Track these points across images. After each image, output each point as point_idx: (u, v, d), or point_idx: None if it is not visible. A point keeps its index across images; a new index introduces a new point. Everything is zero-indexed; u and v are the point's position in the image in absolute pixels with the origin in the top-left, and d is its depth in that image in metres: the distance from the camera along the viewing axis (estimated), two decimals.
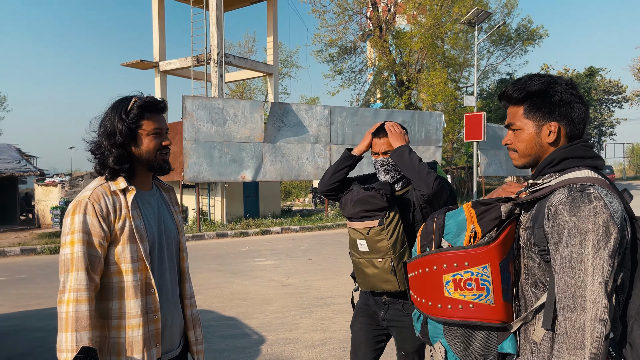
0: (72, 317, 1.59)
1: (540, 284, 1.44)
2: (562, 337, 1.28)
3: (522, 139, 1.53)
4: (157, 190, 1.96)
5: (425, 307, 1.58)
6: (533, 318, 1.46)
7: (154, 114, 1.81)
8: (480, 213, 1.52)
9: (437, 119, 18.69)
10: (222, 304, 6.42)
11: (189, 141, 13.50)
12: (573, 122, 1.48)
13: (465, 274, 1.48)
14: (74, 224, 1.66)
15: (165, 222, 1.90)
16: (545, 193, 1.41)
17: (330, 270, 8.53)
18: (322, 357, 4.52)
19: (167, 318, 1.83)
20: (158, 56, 19.04)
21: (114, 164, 1.74)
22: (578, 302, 1.26)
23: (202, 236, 13.28)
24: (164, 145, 1.83)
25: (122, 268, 1.71)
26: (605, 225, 1.28)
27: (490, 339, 1.52)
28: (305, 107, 15.88)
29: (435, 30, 22.42)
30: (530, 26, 28.84)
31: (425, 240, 1.60)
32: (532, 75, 1.54)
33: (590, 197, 1.30)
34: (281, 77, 34.48)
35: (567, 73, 39.12)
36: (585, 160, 1.46)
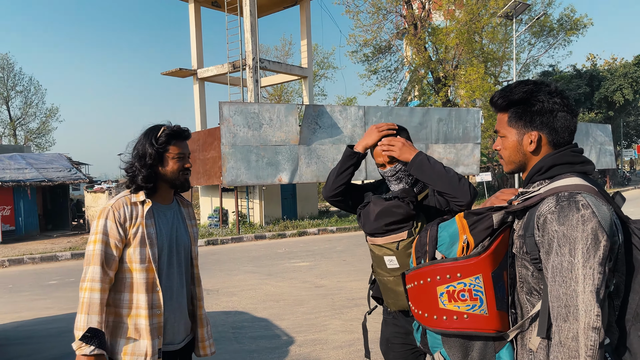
0: (86, 302, 1.93)
1: (535, 292, 1.45)
2: (556, 346, 1.29)
3: (506, 146, 1.56)
4: (176, 205, 2.27)
5: (422, 319, 1.61)
6: (529, 326, 1.46)
7: (179, 141, 2.13)
8: (472, 223, 1.53)
9: (475, 115, 18.37)
10: (255, 305, 6.61)
11: (226, 146, 13.84)
12: (556, 130, 1.48)
13: (459, 285, 1.49)
14: (98, 226, 2.01)
15: (177, 233, 2.19)
16: (535, 201, 1.42)
17: (364, 271, 8.59)
18: (348, 358, 4.61)
19: (170, 314, 2.11)
20: (196, 64, 19.58)
21: (142, 182, 2.08)
22: (570, 311, 1.27)
23: (241, 238, 13.60)
24: (186, 167, 2.14)
25: (132, 267, 2.03)
26: (594, 233, 1.28)
27: (487, 348, 1.53)
28: (339, 108, 15.97)
29: (471, 25, 22.02)
30: (574, 15, 27.85)
31: (420, 252, 1.62)
32: (519, 82, 1.55)
33: (578, 205, 1.31)
34: (317, 79, 34.69)
35: (614, 62, 37.47)
36: (574, 166, 1.46)
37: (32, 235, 16.39)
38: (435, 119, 17.45)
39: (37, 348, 5.33)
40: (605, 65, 37.59)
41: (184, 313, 2.19)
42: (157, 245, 2.07)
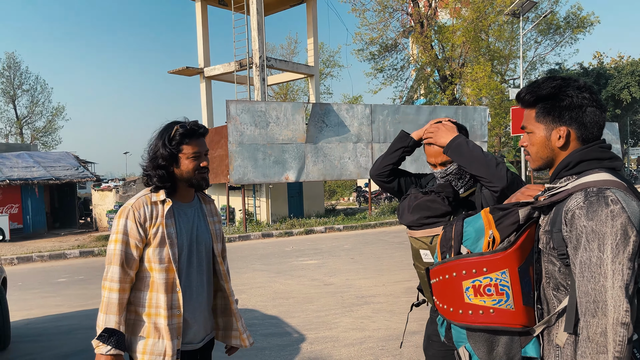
0: (105, 302, 1.95)
1: (562, 288, 1.44)
2: (584, 342, 1.28)
3: (534, 142, 1.54)
4: (198, 202, 2.23)
5: (447, 313, 1.60)
6: (556, 322, 1.45)
7: (193, 139, 2.07)
8: (499, 218, 1.52)
9: (482, 113, 18.31)
10: (265, 302, 6.61)
11: (233, 144, 13.86)
12: (585, 126, 1.46)
13: (484, 279, 1.49)
14: (118, 226, 1.99)
15: (198, 231, 2.16)
16: (563, 197, 1.40)
17: (372, 269, 8.58)
18: (360, 356, 4.60)
19: (190, 315, 2.08)
20: (203, 62, 19.62)
21: (157, 182, 2.05)
22: (599, 307, 1.26)
23: (248, 236, 13.61)
24: (202, 166, 2.08)
25: (152, 267, 2.01)
26: (624, 229, 1.27)
27: (513, 343, 1.52)
28: (346, 106, 15.95)
29: (478, 23, 21.96)
30: (580, 13, 27.73)
31: (445, 247, 1.61)
32: (546, 77, 1.54)
33: (607, 201, 1.30)
34: (323, 78, 34.68)
35: (621, 60, 37.24)
36: (602, 162, 1.44)
37: (39, 234, 16.47)
38: (442, 117, 17.35)
39: (48, 345, 5.35)
40: (612, 63, 37.36)
41: (204, 312, 2.17)
42: (177, 245, 2.04)
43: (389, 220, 15.66)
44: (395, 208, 17.74)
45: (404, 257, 9.77)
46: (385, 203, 19.18)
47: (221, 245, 2.29)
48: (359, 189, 22.26)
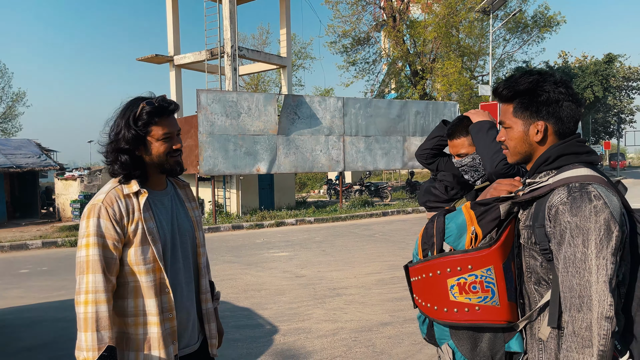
0: (92, 317, 1.65)
1: (544, 282, 1.45)
2: (570, 336, 1.30)
3: (512, 137, 1.54)
4: (172, 188, 1.98)
5: (431, 312, 1.59)
6: (538, 316, 1.47)
7: (163, 118, 1.80)
8: (480, 214, 1.52)
9: (452, 108, 18.57)
10: (236, 294, 6.55)
11: (203, 134, 13.65)
12: (562, 120, 1.47)
13: (470, 277, 1.48)
14: (89, 227, 1.71)
15: (179, 221, 1.93)
16: (544, 192, 1.42)
17: (344, 261, 8.61)
18: (332, 347, 4.62)
19: (183, 316, 1.88)
20: (172, 50, 19.22)
21: (121, 169, 1.78)
22: (584, 302, 1.28)
23: (218, 228, 13.47)
24: (175, 148, 1.84)
25: (135, 269, 1.76)
26: (607, 224, 1.29)
27: (497, 339, 1.53)
28: (318, 99, 15.91)
29: (449, 19, 22.21)
30: (547, 13, 28.37)
31: (427, 244, 1.60)
32: (523, 72, 1.54)
33: (590, 196, 1.32)
34: (295, 69, 34.49)
35: (585, 60, 38.38)
36: (580, 157, 1.46)
37: None
38: (413, 112, 17.56)
39: (12, 337, 5.17)
40: (577, 62, 38.48)
41: (194, 311, 1.96)
42: (160, 241, 1.80)
43: (359, 213, 15.75)
44: (365, 201, 17.86)
45: (374, 249, 9.84)
46: (356, 196, 19.28)
47: (201, 234, 2.06)
48: (330, 182, 22.29)
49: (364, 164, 16.70)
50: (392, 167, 17.54)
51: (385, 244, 10.45)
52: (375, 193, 19.76)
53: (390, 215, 16.20)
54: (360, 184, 20.22)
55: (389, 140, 17.09)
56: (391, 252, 9.49)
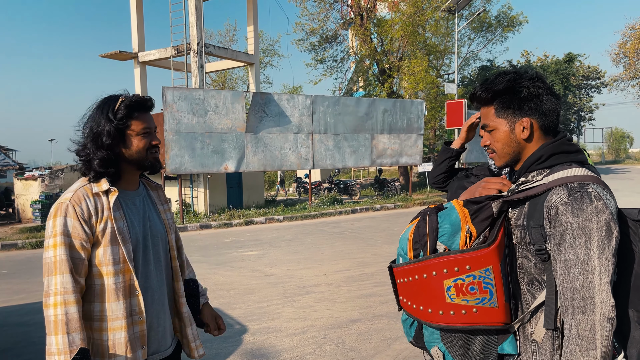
0: (62, 319, 1.60)
1: (537, 283, 1.44)
2: (574, 339, 1.28)
3: (498, 138, 1.52)
4: (144, 189, 1.95)
5: (423, 315, 1.51)
6: (531, 317, 1.45)
7: (142, 113, 1.80)
8: (474, 212, 1.46)
9: (419, 106, 18.81)
10: None
11: (170, 133, 13.42)
12: (545, 114, 1.47)
13: (468, 278, 1.42)
14: (56, 227, 1.66)
15: (151, 222, 1.89)
16: (540, 191, 1.40)
17: (313, 259, 8.63)
18: (302, 345, 4.62)
19: (154, 319, 1.83)
20: (137, 47, 18.81)
21: (99, 167, 1.74)
22: (588, 304, 1.27)
23: (186, 228, 13.28)
24: (154, 144, 1.83)
25: (103, 270, 1.71)
26: (608, 225, 1.29)
27: (490, 341, 1.48)
28: (287, 96, 15.86)
29: (416, 18, 22.45)
30: (510, 13, 29.01)
31: (419, 244, 1.50)
32: (498, 73, 1.53)
33: (591, 197, 1.31)
34: (263, 67, 34.28)
35: (546, 59, 39.49)
36: (570, 155, 1.45)
37: None
38: (381, 110, 17.71)
39: None
40: (538, 61, 39.58)
41: (167, 314, 1.91)
42: (130, 241, 1.76)
43: (329, 211, 15.80)
44: (334, 199, 17.92)
45: (344, 246, 9.90)
46: (325, 194, 19.33)
47: (175, 236, 2.02)
48: (299, 180, 22.29)
49: (333, 161, 16.76)
50: (360, 164, 17.65)
51: (355, 241, 10.52)
52: (344, 191, 19.86)
53: (359, 213, 16.32)
54: (330, 182, 20.29)
55: (358, 138, 17.19)
56: (360, 249, 9.56)
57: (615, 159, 66.99)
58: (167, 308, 1.91)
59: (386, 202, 17.94)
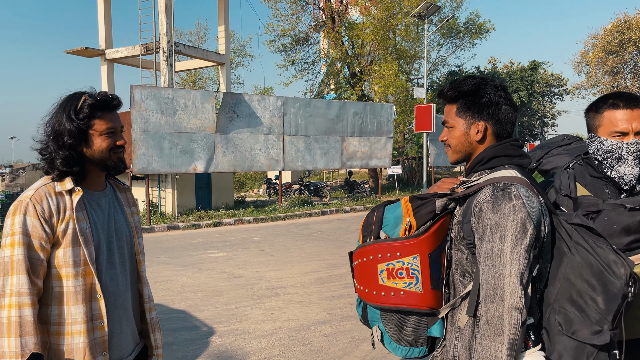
0: (15, 322, 1.55)
1: (468, 274, 1.54)
2: (484, 325, 1.39)
3: (454, 136, 1.63)
4: (111, 190, 1.90)
5: (364, 294, 1.67)
6: (459, 305, 1.56)
7: (106, 112, 1.75)
8: (417, 207, 1.61)
9: (389, 110, 19.01)
10: (171, 297, 6.38)
11: (137, 132, 13.17)
12: (500, 122, 1.57)
13: (397, 263, 1.58)
14: (14, 225, 1.61)
15: (116, 225, 1.84)
16: (475, 190, 1.51)
17: (283, 261, 8.60)
18: (270, 347, 4.60)
19: (116, 324, 1.78)
20: (104, 44, 18.40)
21: (62, 166, 1.69)
22: (497, 293, 1.37)
23: (152, 229, 13.05)
24: (119, 144, 1.78)
25: (62, 272, 1.65)
26: (523, 222, 1.39)
27: (420, 324, 1.63)
28: (257, 97, 15.79)
29: (386, 23, 22.70)
30: (478, 20, 29.66)
31: (366, 232, 1.68)
32: (467, 76, 1.64)
33: (511, 196, 1.41)
34: (234, 67, 34.04)
35: (512, 66, 40.49)
36: (512, 159, 1.56)
37: None
38: (351, 113, 17.82)
39: None
40: (505, 68, 40.56)
41: (131, 320, 1.85)
42: (93, 243, 1.71)
43: (299, 212, 15.79)
44: (304, 200, 17.91)
45: (313, 248, 9.90)
46: (296, 195, 19.31)
47: (141, 241, 1.98)
48: (269, 181, 22.17)
49: (304, 163, 16.76)
50: (331, 166, 17.71)
51: (324, 243, 10.54)
52: (315, 192, 19.88)
53: (329, 215, 16.36)
54: (300, 184, 20.28)
55: (328, 140, 17.24)
56: (330, 250, 9.58)
57: None
58: (131, 313, 1.86)
59: (356, 204, 18.04)
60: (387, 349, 1.68)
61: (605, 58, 42.23)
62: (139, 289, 1.94)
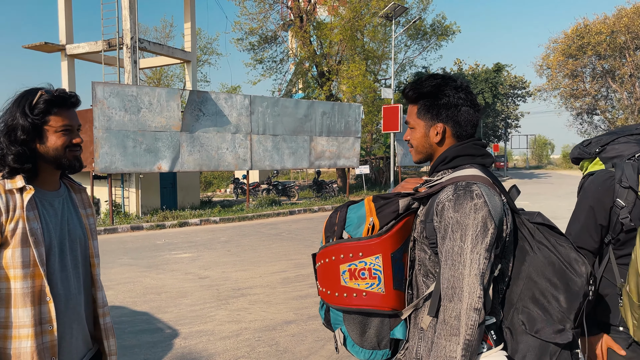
0: None
1: (431, 275, 1.52)
2: (440, 324, 1.37)
3: (415, 137, 1.62)
4: (65, 190, 1.83)
5: (326, 296, 1.63)
6: (422, 306, 1.53)
7: (63, 109, 1.70)
8: (380, 207, 1.58)
9: (356, 110, 19.10)
10: (134, 299, 6.21)
11: (99, 130, 12.81)
12: (460, 124, 1.55)
13: (360, 263, 1.54)
14: None
15: (70, 226, 1.77)
16: (438, 189, 1.49)
17: (249, 261, 8.51)
18: (236, 348, 4.53)
19: (66, 329, 1.70)
20: (65, 39, 17.83)
21: (14, 162, 1.63)
22: (456, 292, 1.35)
23: (115, 229, 12.72)
24: (75, 142, 1.72)
25: (10, 274, 1.58)
26: (484, 221, 1.37)
27: (383, 326, 1.59)
28: (224, 96, 15.60)
29: (354, 23, 22.80)
30: (444, 22, 30.16)
31: (329, 232, 1.64)
32: (429, 75, 1.61)
33: (472, 195, 1.39)
34: (200, 65, 33.57)
35: (477, 68, 41.32)
36: (475, 158, 1.55)
37: None
38: (320, 112, 17.82)
39: None
40: (470, 70, 41.37)
41: (82, 324, 1.78)
42: (44, 244, 1.64)
43: (266, 212, 15.68)
44: (272, 200, 17.80)
45: (281, 248, 9.84)
46: (263, 195, 19.18)
47: (96, 243, 1.91)
48: (237, 181, 21.94)
49: (272, 162, 16.65)
50: (299, 166, 17.67)
51: (292, 243, 10.49)
52: (283, 192, 19.80)
53: (297, 214, 16.31)
54: (268, 183, 20.15)
55: (296, 139, 17.19)
56: (297, 250, 9.54)
57: (539, 165, 71.16)
58: (83, 317, 1.79)
59: (324, 204, 18.05)
60: (350, 352, 1.63)
61: (565, 61, 43.62)
62: (92, 293, 1.87)
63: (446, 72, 36.73)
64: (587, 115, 49.37)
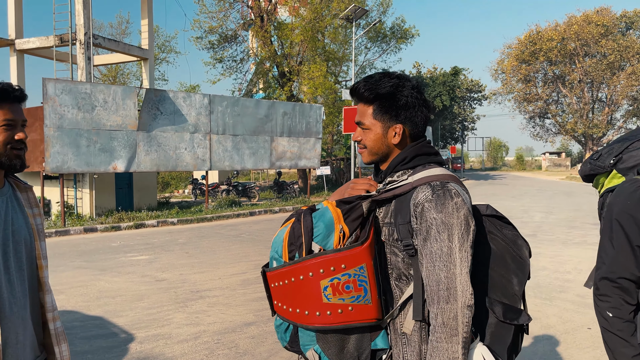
0: None
1: (404, 277, 1.49)
2: (440, 327, 1.35)
3: (370, 138, 1.56)
4: (10, 189, 1.72)
5: (299, 317, 1.49)
6: (400, 311, 1.49)
7: (6, 104, 1.60)
8: (346, 212, 1.47)
9: (317, 111, 19.13)
10: (87, 303, 5.99)
11: (50, 128, 12.32)
12: (416, 124, 1.55)
13: (343, 276, 1.42)
14: None
15: (14, 227, 1.67)
16: (406, 190, 1.46)
17: (208, 263, 8.36)
18: (194, 351, 4.43)
19: (11, 335, 1.60)
20: (14, 33, 17.06)
21: None
22: (451, 293, 1.35)
23: (68, 231, 12.25)
24: (17, 139, 1.61)
25: None
26: (466, 219, 1.39)
27: (364, 339, 1.49)
28: (183, 94, 15.30)
29: (315, 24, 22.84)
30: (404, 25, 30.66)
31: (295, 246, 1.49)
32: (383, 74, 1.55)
33: (452, 194, 1.40)
34: (158, 63, 32.82)
35: (435, 71, 42.18)
36: (430, 157, 1.54)
37: None
38: (281, 113, 17.74)
39: None
40: (428, 73, 42.20)
41: (29, 329, 1.68)
42: None
43: (226, 213, 15.47)
44: (232, 201, 17.58)
45: (241, 249, 9.72)
46: (223, 196, 18.91)
47: (43, 244, 1.80)
48: (195, 181, 21.55)
49: (232, 163, 16.45)
50: (259, 166, 17.53)
51: (252, 244, 10.38)
52: (243, 193, 19.59)
53: (258, 215, 16.18)
54: (228, 184, 19.89)
55: (257, 140, 17.05)
56: (258, 251, 9.45)
57: (494, 166, 73.29)
58: (29, 322, 1.69)
59: (285, 205, 17.97)
60: None
61: (519, 66, 45.17)
62: (40, 297, 1.75)
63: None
64: (539, 119, 51.29)
